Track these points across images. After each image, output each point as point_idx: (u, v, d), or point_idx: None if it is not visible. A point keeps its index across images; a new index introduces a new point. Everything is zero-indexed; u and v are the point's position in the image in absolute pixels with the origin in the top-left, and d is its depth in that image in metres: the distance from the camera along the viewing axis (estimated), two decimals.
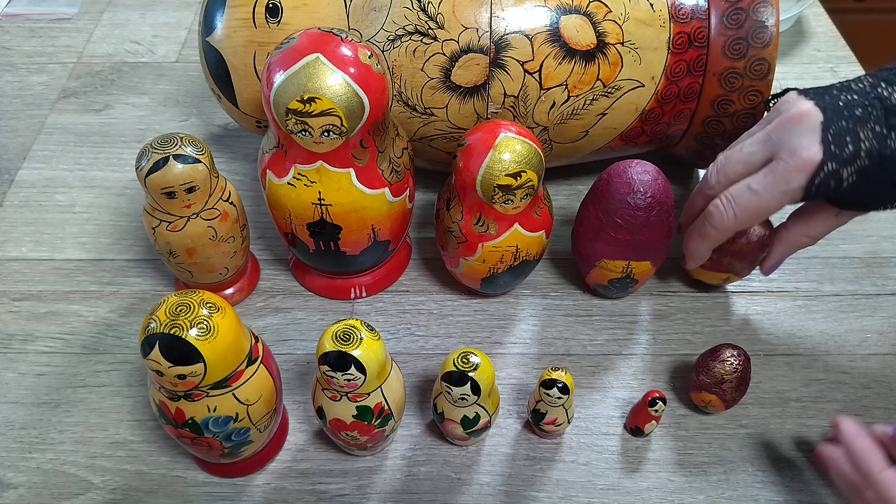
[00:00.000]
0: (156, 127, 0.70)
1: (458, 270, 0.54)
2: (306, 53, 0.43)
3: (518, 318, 0.57)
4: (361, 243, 0.52)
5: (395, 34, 0.52)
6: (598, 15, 0.52)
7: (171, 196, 0.47)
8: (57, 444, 0.50)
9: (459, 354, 0.44)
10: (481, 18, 0.51)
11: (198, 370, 0.38)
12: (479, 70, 0.52)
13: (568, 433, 0.51)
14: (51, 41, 0.80)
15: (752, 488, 0.48)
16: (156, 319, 0.38)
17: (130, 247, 0.61)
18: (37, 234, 0.62)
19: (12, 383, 0.53)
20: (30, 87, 0.75)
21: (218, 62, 0.54)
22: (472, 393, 0.43)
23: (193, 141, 0.47)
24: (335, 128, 0.44)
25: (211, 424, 0.41)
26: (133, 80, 0.75)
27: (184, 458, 0.49)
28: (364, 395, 0.42)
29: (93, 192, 0.65)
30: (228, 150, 0.68)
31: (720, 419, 0.51)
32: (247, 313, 0.57)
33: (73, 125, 0.71)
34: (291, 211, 0.49)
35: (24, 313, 0.57)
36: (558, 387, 0.45)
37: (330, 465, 0.49)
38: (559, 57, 0.51)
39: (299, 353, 0.54)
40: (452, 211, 0.50)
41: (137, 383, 0.53)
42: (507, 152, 0.46)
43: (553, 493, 0.48)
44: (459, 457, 0.50)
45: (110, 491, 0.48)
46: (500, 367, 0.54)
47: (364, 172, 0.48)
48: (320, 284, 0.57)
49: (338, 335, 0.40)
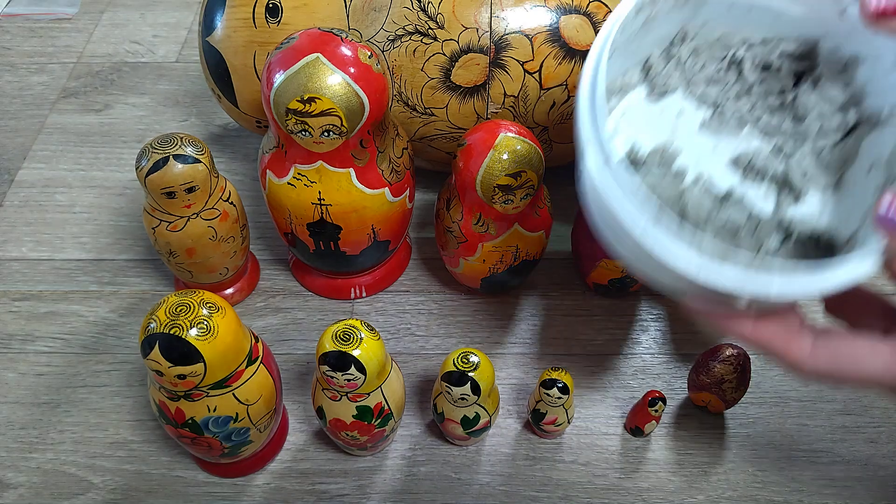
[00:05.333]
0: (156, 127, 0.70)
1: (458, 270, 0.54)
2: (306, 53, 0.43)
3: (518, 318, 0.57)
4: (361, 243, 0.52)
5: (395, 34, 0.52)
6: (598, 15, 0.52)
7: (171, 196, 0.47)
8: (57, 444, 0.50)
9: (459, 354, 0.44)
10: (481, 18, 0.51)
11: (198, 370, 0.38)
12: (479, 70, 0.52)
13: (568, 433, 0.51)
14: (51, 41, 0.80)
15: (752, 488, 0.48)
16: (156, 319, 0.38)
17: (130, 247, 0.61)
18: (37, 234, 0.62)
19: (12, 383, 0.53)
20: (30, 87, 0.74)
21: (218, 62, 0.54)
22: (472, 393, 0.43)
23: (193, 141, 0.47)
24: (335, 128, 0.44)
25: (211, 424, 0.41)
26: (133, 80, 0.75)
27: (184, 458, 0.49)
28: (364, 395, 0.42)
29: (93, 192, 0.65)
30: (228, 150, 0.68)
31: (720, 419, 0.51)
32: (247, 313, 0.57)
33: (73, 125, 0.71)
34: (291, 211, 0.49)
35: (24, 313, 0.57)
36: (558, 387, 0.45)
37: (330, 465, 0.49)
38: (559, 57, 0.51)
39: (299, 353, 0.54)
40: (452, 211, 0.50)
41: (137, 383, 0.53)
42: (507, 152, 0.46)
43: (553, 494, 0.48)
44: (459, 457, 0.50)
45: (110, 491, 0.48)
46: (500, 367, 0.54)
47: (364, 172, 0.48)
48: (320, 284, 0.57)
49: (338, 335, 0.40)
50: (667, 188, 0.38)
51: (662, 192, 0.38)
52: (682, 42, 0.41)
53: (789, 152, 0.41)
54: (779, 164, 0.40)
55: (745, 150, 0.41)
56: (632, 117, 0.41)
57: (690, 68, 0.42)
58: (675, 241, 0.31)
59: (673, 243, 0.31)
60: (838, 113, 0.40)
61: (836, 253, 0.37)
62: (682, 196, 0.38)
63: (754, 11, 0.40)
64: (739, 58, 0.41)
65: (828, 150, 0.40)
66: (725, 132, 0.42)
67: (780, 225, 0.38)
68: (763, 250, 0.37)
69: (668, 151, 0.40)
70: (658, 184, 0.38)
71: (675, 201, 0.38)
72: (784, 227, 0.38)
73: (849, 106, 0.40)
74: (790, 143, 0.41)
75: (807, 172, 0.41)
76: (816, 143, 0.40)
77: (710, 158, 0.41)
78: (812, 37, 0.40)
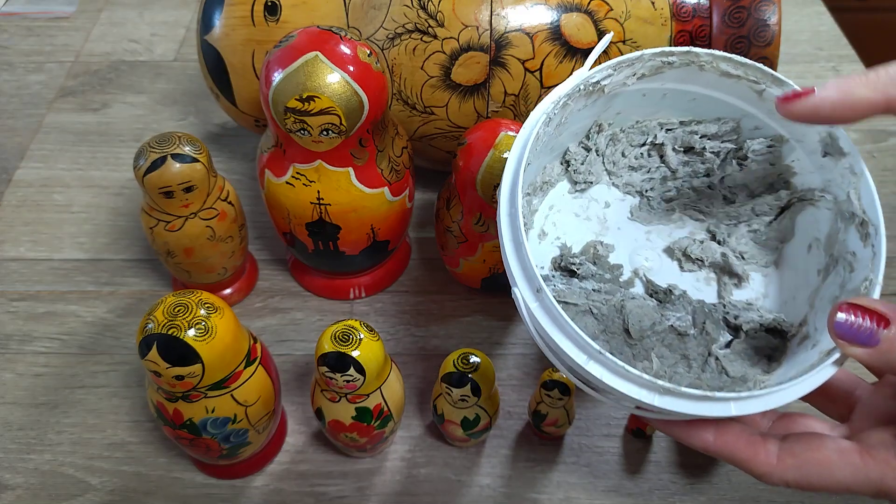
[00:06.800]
0: (154, 126, 0.70)
1: (458, 270, 0.54)
2: (305, 52, 0.43)
3: (518, 318, 0.56)
4: (361, 243, 0.52)
5: (394, 32, 0.51)
6: (599, 13, 0.51)
7: (169, 195, 0.46)
8: (55, 444, 0.50)
9: (459, 355, 0.44)
10: (482, 16, 0.51)
11: (196, 371, 0.38)
12: (480, 68, 0.51)
13: (569, 435, 0.50)
14: (48, 40, 0.79)
15: (754, 490, 0.48)
16: (153, 320, 0.37)
17: (128, 247, 0.61)
18: (34, 234, 0.62)
19: (10, 384, 0.53)
20: (27, 87, 0.74)
21: (216, 61, 0.53)
22: (473, 394, 0.43)
23: (191, 140, 0.47)
24: (334, 127, 0.44)
25: (209, 426, 0.41)
26: (131, 79, 0.75)
27: (182, 459, 0.49)
28: (363, 397, 0.42)
29: (90, 192, 0.65)
30: (227, 150, 0.68)
31: None
32: (245, 314, 0.56)
33: (71, 124, 0.70)
34: (290, 210, 0.49)
35: (21, 313, 0.56)
36: (559, 388, 0.45)
37: (329, 466, 0.49)
38: (560, 55, 0.51)
39: (298, 353, 0.54)
40: (452, 210, 0.50)
41: (135, 384, 0.53)
42: (508, 151, 0.45)
43: (554, 495, 0.48)
44: (459, 458, 0.49)
45: (108, 492, 0.48)
46: (501, 367, 0.54)
47: (363, 172, 0.48)
48: (319, 285, 0.57)
49: (337, 336, 0.40)
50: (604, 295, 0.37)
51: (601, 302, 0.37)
52: (599, 132, 0.40)
53: (725, 235, 0.40)
54: (716, 248, 0.39)
55: (679, 236, 0.40)
56: (559, 213, 0.40)
57: (610, 157, 0.41)
58: (621, 377, 0.30)
59: (619, 377, 0.30)
60: (770, 191, 0.39)
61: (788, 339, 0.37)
62: (623, 307, 0.37)
63: (668, 97, 0.39)
64: (660, 141, 0.40)
65: (764, 229, 0.39)
66: (655, 220, 0.41)
67: (728, 318, 0.37)
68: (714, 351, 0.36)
69: (601, 247, 0.39)
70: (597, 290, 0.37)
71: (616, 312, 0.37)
72: (732, 322, 0.37)
73: (779, 184, 0.39)
74: (724, 225, 0.40)
75: (745, 254, 0.40)
76: (751, 224, 0.40)
77: (645, 250, 0.40)
78: (733, 115, 0.39)
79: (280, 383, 0.46)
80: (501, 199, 0.34)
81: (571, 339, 0.30)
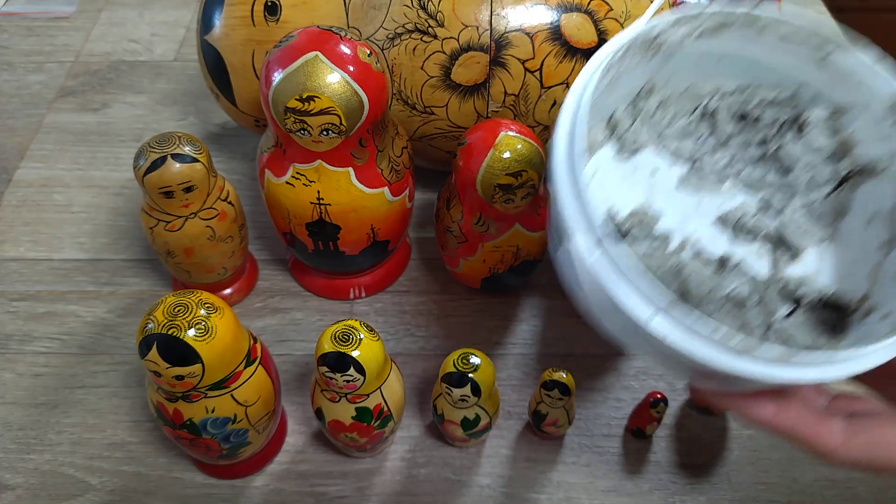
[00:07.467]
0: (154, 126, 0.70)
1: (458, 270, 0.54)
2: (305, 52, 0.43)
3: (518, 318, 0.56)
4: (361, 243, 0.52)
5: (394, 32, 0.51)
6: (599, 13, 0.51)
7: (169, 195, 0.46)
8: (55, 444, 0.50)
9: (459, 355, 0.43)
10: (482, 16, 0.51)
11: (196, 371, 0.38)
12: (480, 68, 0.51)
13: (569, 434, 0.50)
14: (48, 40, 0.79)
15: (754, 489, 0.48)
16: (153, 320, 0.37)
17: (128, 247, 0.61)
18: (34, 234, 0.62)
19: (10, 384, 0.53)
20: (27, 87, 0.74)
21: (216, 61, 0.53)
22: (473, 394, 0.43)
23: (191, 140, 0.47)
24: (334, 127, 0.44)
25: (209, 426, 0.41)
26: (131, 79, 0.75)
27: (182, 459, 0.49)
28: (363, 397, 0.42)
29: (90, 192, 0.65)
30: (227, 150, 0.68)
31: (722, 420, 0.51)
32: (245, 314, 0.56)
33: (71, 124, 0.70)
34: (290, 210, 0.49)
35: (21, 313, 0.56)
36: (559, 388, 0.45)
37: (329, 466, 0.49)
38: (560, 55, 0.51)
39: (298, 353, 0.54)
40: (452, 210, 0.50)
41: (135, 384, 0.52)
42: (508, 151, 0.45)
43: (554, 495, 0.48)
44: (459, 458, 0.49)
45: (108, 492, 0.48)
46: (501, 367, 0.54)
47: (363, 172, 0.48)
48: (319, 285, 0.57)
49: (337, 336, 0.40)
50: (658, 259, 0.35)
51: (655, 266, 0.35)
52: (649, 95, 0.39)
53: (779, 207, 0.38)
54: (770, 221, 0.38)
55: (731, 207, 0.38)
56: (603, 178, 0.38)
57: (659, 122, 0.39)
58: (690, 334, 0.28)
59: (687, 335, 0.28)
60: (828, 163, 0.38)
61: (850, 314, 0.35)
62: (680, 271, 0.35)
63: (724, 61, 0.37)
64: (712, 108, 0.39)
65: (819, 202, 0.38)
66: (706, 189, 0.39)
67: (785, 290, 0.36)
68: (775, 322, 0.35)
69: (649, 214, 0.37)
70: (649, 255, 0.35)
71: (672, 276, 0.35)
72: (791, 294, 0.36)
73: (839, 155, 0.37)
74: (778, 196, 0.38)
75: (800, 227, 0.38)
76: (807, 196, 0.38)
77: (695, 219, 0.38)
78: (791, 83, 0.37)
79: (280, 383, 0.46)
80: (558, 142, 0.31)
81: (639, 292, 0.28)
